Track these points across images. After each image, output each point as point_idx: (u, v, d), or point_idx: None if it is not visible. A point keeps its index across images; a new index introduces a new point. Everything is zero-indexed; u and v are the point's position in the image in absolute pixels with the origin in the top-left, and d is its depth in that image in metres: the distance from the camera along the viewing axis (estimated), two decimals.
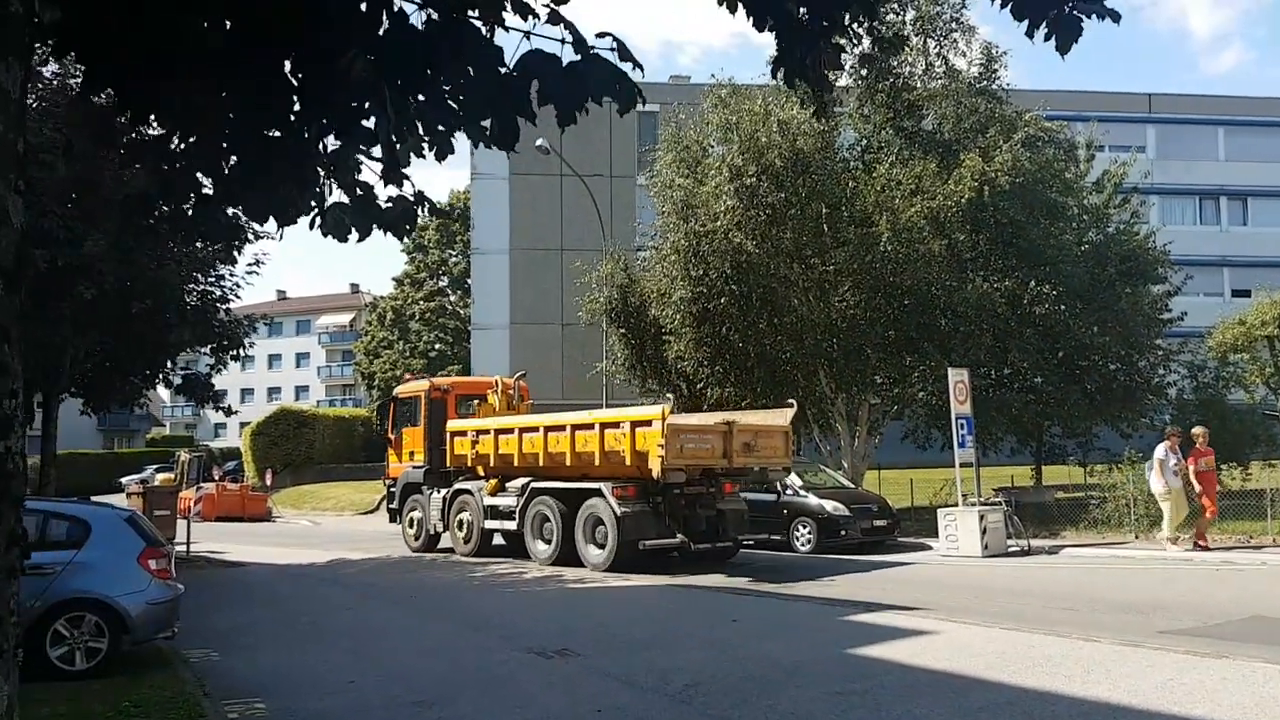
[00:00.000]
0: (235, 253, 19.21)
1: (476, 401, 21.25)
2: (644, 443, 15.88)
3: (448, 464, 20.13)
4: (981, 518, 17.70)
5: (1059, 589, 13.36)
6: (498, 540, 19.24)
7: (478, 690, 8.16)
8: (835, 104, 23.14)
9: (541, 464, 17.68)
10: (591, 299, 25.79)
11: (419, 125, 3.56)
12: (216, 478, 41.17)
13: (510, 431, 18.55)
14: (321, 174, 3.65)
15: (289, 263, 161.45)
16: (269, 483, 43.70)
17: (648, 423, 16.00)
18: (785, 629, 10.69)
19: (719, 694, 7.64)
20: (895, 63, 22.97)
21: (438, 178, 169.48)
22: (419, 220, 4.06)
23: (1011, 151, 22.06)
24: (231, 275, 20.01)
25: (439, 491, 20.17)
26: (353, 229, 3.69)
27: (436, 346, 61.42)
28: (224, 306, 19.88)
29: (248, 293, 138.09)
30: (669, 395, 24.49)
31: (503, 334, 40.23)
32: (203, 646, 10.48)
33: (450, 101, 3.58)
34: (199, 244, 18.79)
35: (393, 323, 63.43)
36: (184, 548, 21.33)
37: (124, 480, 49.06)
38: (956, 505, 18.84)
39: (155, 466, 54.03)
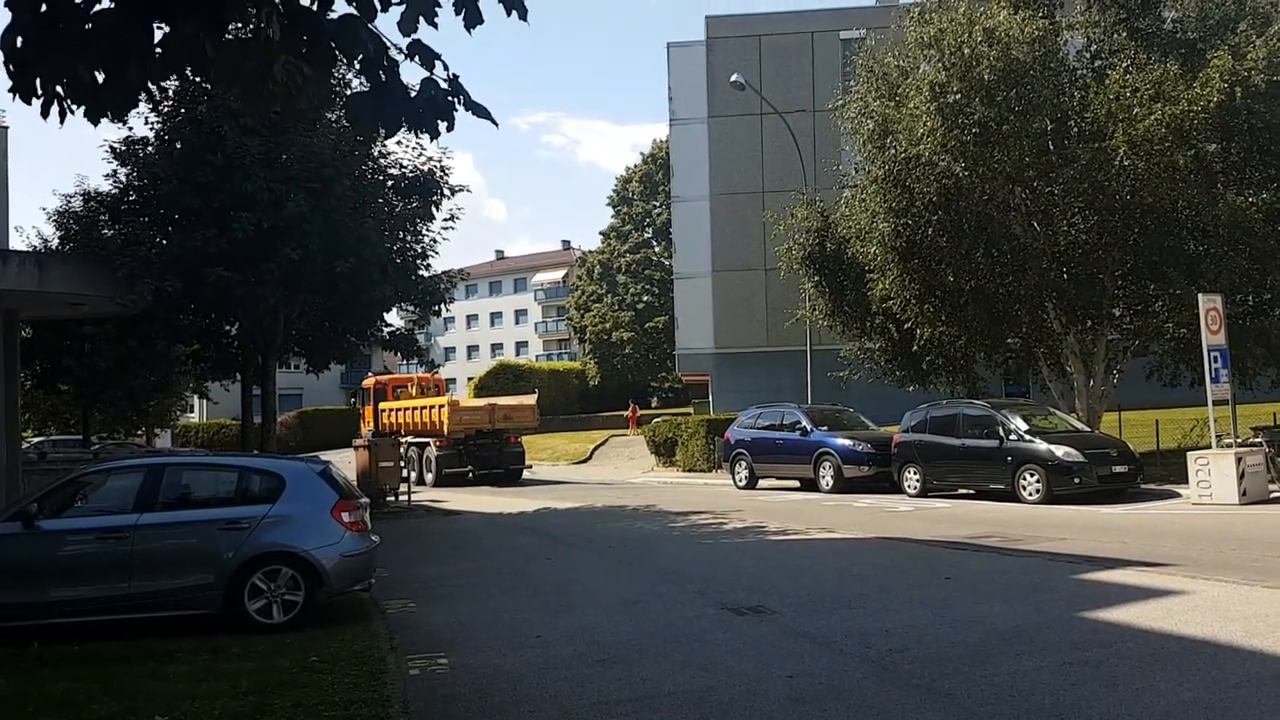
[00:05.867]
0: (434, 208, 19.54)
1: (400, 390, 33.60)
2: (442, 415, 28.50)
3: (382, 428, 31.43)
4: (1239, 460, 16.09)
5: None
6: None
7: (664, 649, 7.71)
8: (1057, 7, 21.06)
9: (413, 428, 29.77)
10: (788, 248, 24.84)
11: None
12: None
13: (403, 410, 30.96)
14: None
15: (507, 225, 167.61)
16: None
17: (444, 405, 29.03)
18: (1007, 588, 9.64)
19: (927, 661, 6.86)
20: None
21: (641, 132, 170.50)
22: (456, 116, 3.44)
23: (1268, 46, 19.30)
24: (429, 231, 20.35)
25: None
26: (378, 123, 3.14)
27: (644, 298, 61.94)
28: (424, 262, 20.30)
29: (467, 253, 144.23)
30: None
31: (705, 282, 39.62)
32: (403, 597, 10.60)
33: None
34: (397, 201, 19.28)
35: (600, 276, 64.43)
36: (405, 497, 22.39)
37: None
38: (1209, 447, 17.17)
39: None
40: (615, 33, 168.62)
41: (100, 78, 3.13)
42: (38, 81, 3.15)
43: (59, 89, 3.15)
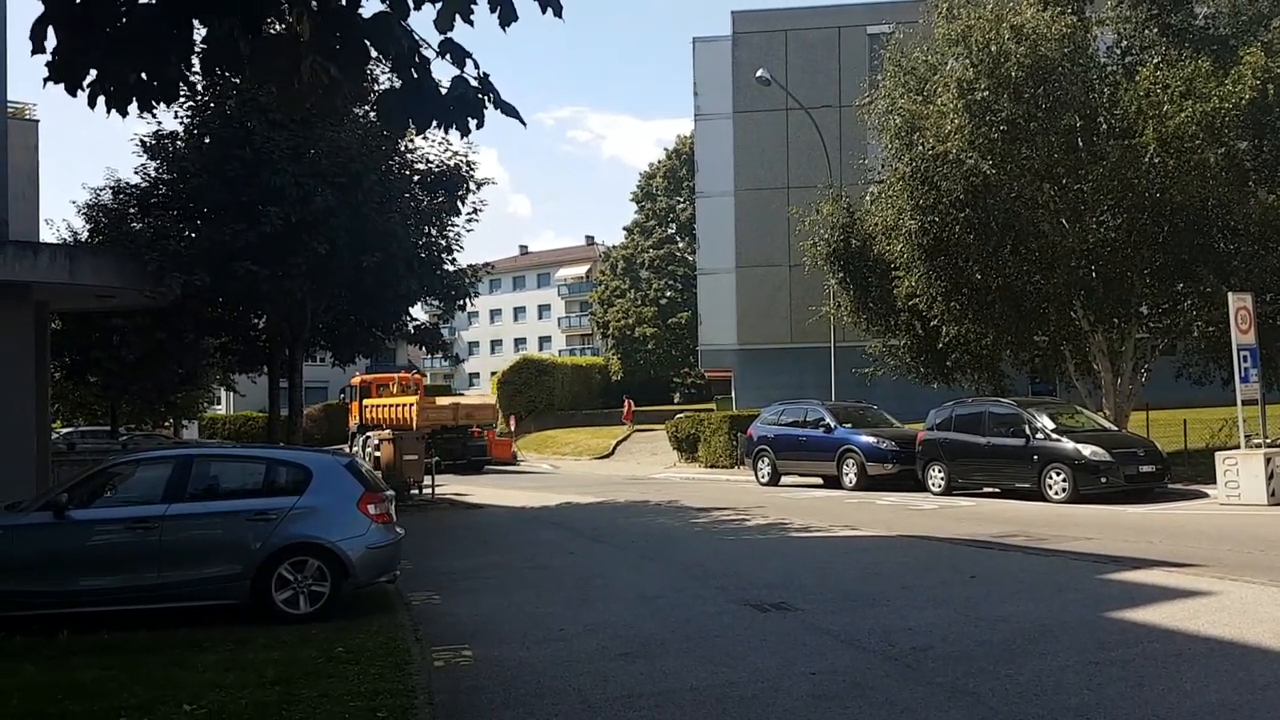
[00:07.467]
0: (459, 203, 19.60)
1: (383, 389, 36.81)
2: (412, 412, 32.51)
3: (365, 422, 35.61)
4: (1268, 461, 15.97)
5: None
6: None
7: (686, 644, 7.72)
8: (1087, 3, 20.85)
9: (389, 423, 32.20)
10: (812, 244, 24.73)
11: None
12: None
13: (382, 405, 34.87)
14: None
15: (531, 220, 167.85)
16: (513, 428, 45.57)
17: (413, 403, 32.91)
18: (1032, 588, 9.58)
19: (950, 660, 6.84)
20: None
21: (666, 127, 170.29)
22: (485, 114, 3.47)
23: None
24: (454, 225, 20.41)
25: (362, 436, 33.55)
26: (410, 120, 3.18)
27: (667, 294, 61.88)
28: (449, 257, 20.34)
29: (491, 249, 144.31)
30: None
31: (729, 278, 39.51)
32: (427, 589, 10.65)
33: None
34: (424, 196, 19.36)
35: (624, 271, 64.43)
36: (430, 490, 22.51)
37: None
38: (1238, 447, 17.01)
39: None
40: (640, 28, 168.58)
41: (142, 74, 3.17)
42: (77, 74, 3.19)
43: (101, 82, 3.20)
